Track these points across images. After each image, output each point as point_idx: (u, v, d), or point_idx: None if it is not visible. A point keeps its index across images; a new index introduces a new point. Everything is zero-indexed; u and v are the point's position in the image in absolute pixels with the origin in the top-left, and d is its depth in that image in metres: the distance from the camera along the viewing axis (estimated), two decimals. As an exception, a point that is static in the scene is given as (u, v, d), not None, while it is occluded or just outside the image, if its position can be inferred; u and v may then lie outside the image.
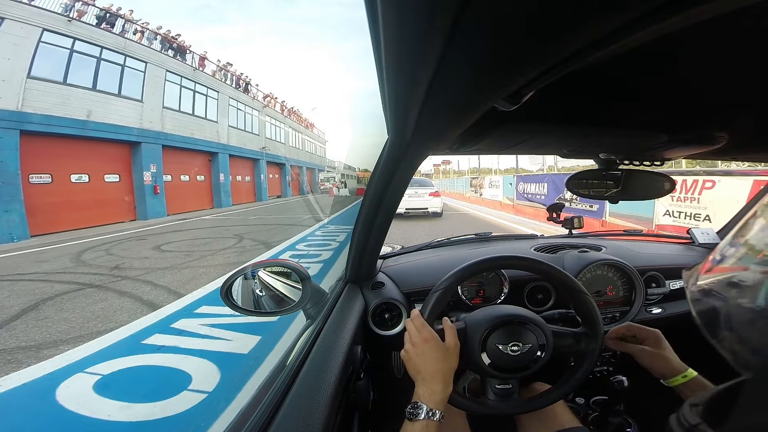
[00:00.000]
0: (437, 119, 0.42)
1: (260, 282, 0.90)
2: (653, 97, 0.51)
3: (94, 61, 10.52)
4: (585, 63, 0.23)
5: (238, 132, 18.38)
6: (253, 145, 19.82)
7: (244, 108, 19.43)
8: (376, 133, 0.81)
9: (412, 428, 0.57)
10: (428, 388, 0.61)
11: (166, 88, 13.18)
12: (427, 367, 0.63)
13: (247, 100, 19.93)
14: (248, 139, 19.41)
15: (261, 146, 20.74)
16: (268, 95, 23.31)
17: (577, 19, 0.19)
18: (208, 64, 16.44)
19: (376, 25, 0.25)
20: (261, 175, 20.56)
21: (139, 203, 11.56)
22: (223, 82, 17.59)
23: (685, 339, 0.99)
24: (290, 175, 25.31)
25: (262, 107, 21.81)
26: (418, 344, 0.65)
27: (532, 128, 0.61)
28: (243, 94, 19.54)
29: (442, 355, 0.64)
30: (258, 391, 0.68)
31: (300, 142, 29.31)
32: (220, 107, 16.81)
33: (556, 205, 1.48)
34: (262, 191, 20.56)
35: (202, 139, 14.95)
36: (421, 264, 1.20)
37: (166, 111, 13.00)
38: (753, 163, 2.37)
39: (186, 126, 13.96)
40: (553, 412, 0.81)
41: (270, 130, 22.87)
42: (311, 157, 32.44)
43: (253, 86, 20.97)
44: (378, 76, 0.35)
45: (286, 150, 25.21)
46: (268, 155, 21.39)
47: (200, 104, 15.35)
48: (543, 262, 0.75)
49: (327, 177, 31.27)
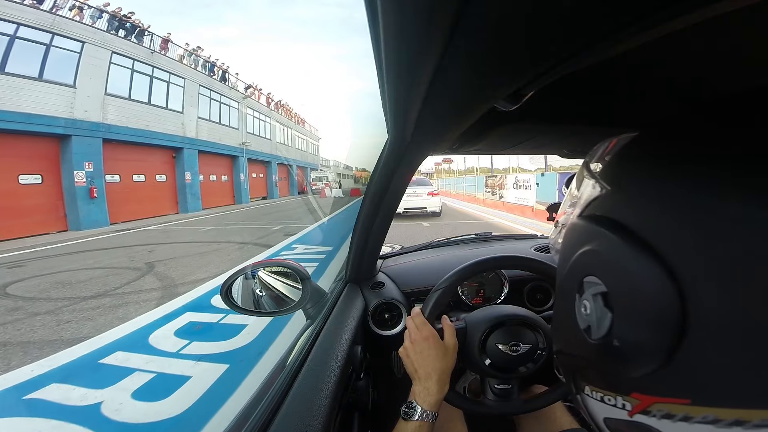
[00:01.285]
0: (437, 119, 0.42)
1: (260, 282, 0.89)
2: (654, 97, 0.51)
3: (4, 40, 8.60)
4: (585, 63, 0.23)
5: (211, 125, 16.05)
6: (231, 140, 17.45)
7: (219, 98, 17.03)
8: (376, 133, 0.86)
9: (405, 428, 0.58)
10: (424, 387, 0.61)
11: (112, 72, 11.10)
12: (424, 365, 0.63)
13: (223, 89, 17.53)
14: (224, 133, 17.01)
15: (241, 141, 18.32)
16: (251, 86, 20.82)
17: (577, 19, 0.19)
18: (173, 47, 14.26)
19: (376, 25, 0.25)
20: (241, 174, 18.09)
21: (70, 210, 9.55)
22: (194, 68, 15.36)
23: None
24: (277, 174, 22.88)
25: (243, 98, 19.34)
26: (417, 342, 0.65)
27: (532, 128, 0.61)
28: (219, 83, 17.19)
29: (441, 354, 0.64)
30: (258, 391, 0.69)
31: (289, 138, 26.59)
32: (188, 96, 14.52)
33: (556, 205, 1.43)
34: (242, 192, 18.14)
35: (162, 132, 12.78)
36: (421, 264, 1.21)
37: (111, 99, 10.94)
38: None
39: (139, 116, 11.85)
40: (552, 413, 0.81)
41: (253, 123, 20.34)
42: (303, 155, 29.93)
43: (232, 75, 18.60)
44: (378, 76, 0.36)
45: (272, 146, 22.72)
46: (250, 152, 19.04)
47: (159, 92, 13.16)
48: (543, 262, 0.76)
49: (320, 176, 28.60)
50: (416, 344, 0.65)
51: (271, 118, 23.05)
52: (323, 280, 4.04)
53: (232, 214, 13.15)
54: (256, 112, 20.97)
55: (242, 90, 19.59)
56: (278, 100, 25.18)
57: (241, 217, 12.29)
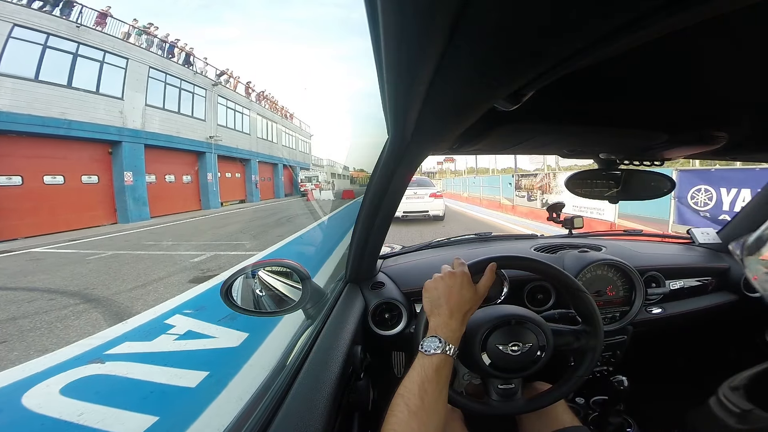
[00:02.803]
0: (437, 119, 0.42)
1: (260, 282, 0.90)
2: (653, 97, 0.51)
3: None
4: (585, 63, 0.23)
5: (166, 115, 13.23)
6: (194, 133, 14.64)
7: (179, 84, 14.20)
8: (375, 133, 0.84)
9: (429, 362, 0.55)
10: (445, 323, 0.60)
11: (9, 47, 8.72)
12: (450, 300, 0.62)
13: (186, 74, 14.68)
14: (184, 124, 14.10)
15: (208, 135, 15.41)
16: (225, 72, 17.69)
17: (577, 19, 0.19)
18: (114, 23, 11.74)
19: (376, 25, 0.26)
20: (208, 174, 15.10)
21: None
22: (145, 48, 12.72)
23: (685, 339, 1.21)
24: (258, 174, 19.79)
25: (213, 86, 16.43)
26: (448, 277, 0.64)
27: (532, 128, 0.61)
28: (180, 67, 14.39)
29: (470, 295, 0.63)
30: (258, 391, 0.70)
31: (274, 133, 23.05)
32: (131, 80, 11.88)
33: (556, 205, 1.47)
34: (210, 195, 15.08)
35: (89, 122, 10.19)
36: (421, 264, 1.21)
37: (4, 80, 8.56)
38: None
39: (51, 102, 9.34)
40: (553, 412, 0.82)
41: (226, 115, 17.46)
42: (291, 153, 26.22)
43: (200, 59, 15.80)
44: (378, 76, 0.36)
45: (251, 142, 19.60)
46: (222, 147, 16.16)
47: (87, 73, 10.55)
48: (542, 262, 0.76)
49: (309, 176, 24.80)
50: (446, 279, 0.64)
51: (251, 110, 19.97)
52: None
53: (188, 224, 10.47)
54: (230, 102, 18.01)
55: (213, 77, 16.79)
56: (261, 91, 21.94)
57: (190, 229, 9.44)
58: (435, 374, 0.54)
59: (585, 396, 1.09)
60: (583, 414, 1.06)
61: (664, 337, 1.24)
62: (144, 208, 11.62)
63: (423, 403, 0.51)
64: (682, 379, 1.28)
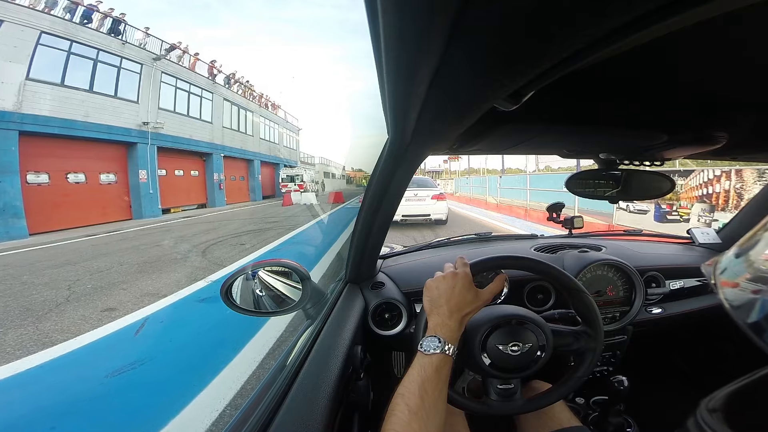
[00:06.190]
0: (437, 119, 0.42)
1: (260, 282, 0.89)
2: (653, 97, 0.51)
3: None
4: (585, 63, 0.23)
5: (66, 93, 9.89)
6: (117, 119, 11.11)
7: (94, 55, 10.81)
8: (375, 134, 0.84)
9: (429, 361, 0.55)
10: (444, 323, 0.60)
11: None
12: (450, 299, 0.62)
13: (107, 43, 11.12)
14: (101, 107, 10.69)
15: (141, 121, 11.89)
16: (176, 45, 13.89)
17: (577, 19, 0.19)
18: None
19: (376, 25, 0.26)
20: (141, 172, 11.62)
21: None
22: (30, 7, 9.34)
23: (685, 339, 1.21)
24: (223, 172, 16.22)
25: (154, 59, 12.72)
26: (450, 276, 0.64)
27: (532, 128, 0.61)
28: (96, 33, 10.94)
29: (471, 297, 0.63)
30: (258, 391, 0.70)
31: (250, 124, 19.24)
32: (4, 46, 8.55)
33: (556, 205, 1.46)
34: (144, 200, 11.66)
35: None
36: (421, 264, 1.20)
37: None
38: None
39: None
40: (552, 412, 0.82)
41: (175, 98, 13.73)
42: (271, 148, 22.02)
43: (139, 29, 12.25)
44: (378, 76, 0.35)
45: (213, 132, 15.78)
46: (164, 137, 12.60)
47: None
48: (542, 262, 0.75)
49: (292, 174, 19.70)
50: (447, 278, 0.64)
51: (215, 94, 16.40)
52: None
53: (85, 244, 7.18)
54: (182, 83, 14.27)
55: (156, 50, 13.08)
56: (231, 73, 17.78)
57: (88, 254, 6.16)
58: (435, 374, 0.54)
59: (585, 396, 1.09)
60: (583, 414, 1.06)
61: (665, 337, 1.25)
62: (19, 222, 8.09)
63: (423, 402, 0.51)
64: (682, 379, 1.28)
